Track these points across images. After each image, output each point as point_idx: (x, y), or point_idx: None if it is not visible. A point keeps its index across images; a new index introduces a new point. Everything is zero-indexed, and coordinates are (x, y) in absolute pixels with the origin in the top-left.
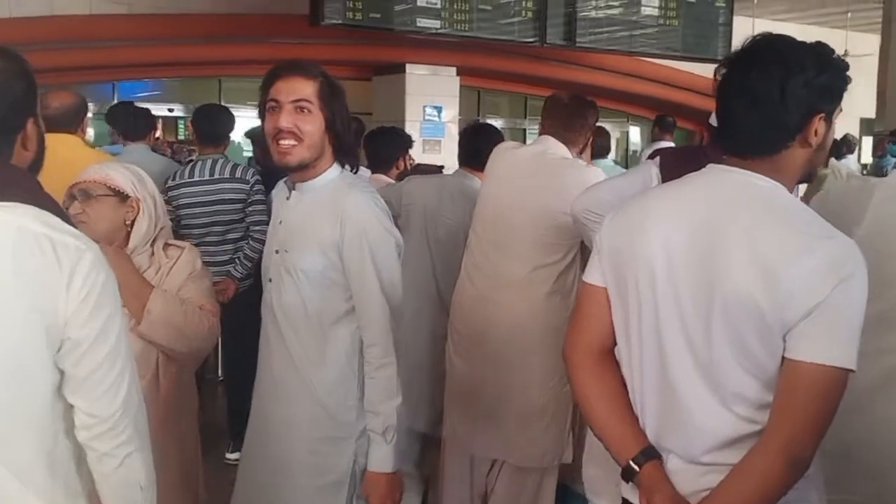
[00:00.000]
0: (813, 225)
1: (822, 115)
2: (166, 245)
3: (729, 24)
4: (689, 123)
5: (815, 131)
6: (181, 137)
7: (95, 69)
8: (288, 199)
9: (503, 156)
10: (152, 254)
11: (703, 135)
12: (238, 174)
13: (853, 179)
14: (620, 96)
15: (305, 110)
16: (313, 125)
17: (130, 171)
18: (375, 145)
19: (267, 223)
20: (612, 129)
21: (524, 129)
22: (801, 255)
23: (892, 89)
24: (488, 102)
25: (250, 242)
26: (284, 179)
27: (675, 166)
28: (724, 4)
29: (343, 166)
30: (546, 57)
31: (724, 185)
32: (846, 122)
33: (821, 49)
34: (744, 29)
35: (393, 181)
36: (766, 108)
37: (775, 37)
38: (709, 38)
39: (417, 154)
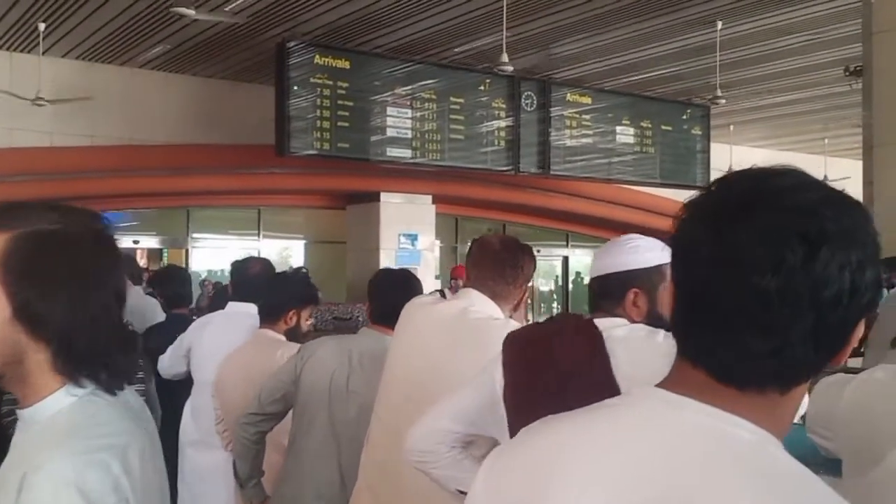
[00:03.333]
0: None
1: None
2: None
3: (706, 151)
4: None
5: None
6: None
7: (57, 201)
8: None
9: (415, 315)
10: None
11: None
12: None
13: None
14: (599, 223)
15: None
16: None
17: None
18: (266, 288)
19: (142, 382)
20: (593, 255)
21: None
22: None
23: (878, 216)
24: (467, 229)
25: None
26: None
27: (522, 371)
28: (700, 132)
29: (83, 384)
30: (523, 184)
31: (686, 435)
32: None
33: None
34: (721, 155)
35: (282, 337)
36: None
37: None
38: (687, 165)
39: None
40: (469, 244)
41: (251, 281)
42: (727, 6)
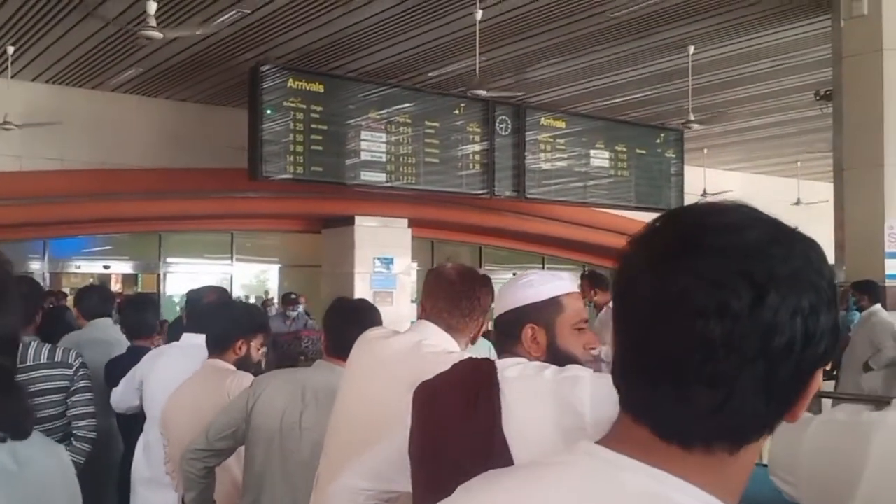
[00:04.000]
0: None
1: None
2: None
3: (681, 174)
4: None
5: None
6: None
7: (25, 227)
8: None
9: (366, 349)
10: None
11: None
12: (58, 357)
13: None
14: (575, 246)
15: None
16: None
17: None
18: (211, 319)
19: (94, 417)
20: (570, 277)
21: None
22: None
23: (849, 239)
24: (444, 251)
25: (74, 444)
26: None
27: (417, 421)
28: (674, 155)
29: None
30: (498, 208)
31: (626, 501)
32: None
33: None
34: (696, 179)
35: (233, 367)
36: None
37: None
38: (661, 188)
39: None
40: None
41: (205, 311)
42: (698, 32)
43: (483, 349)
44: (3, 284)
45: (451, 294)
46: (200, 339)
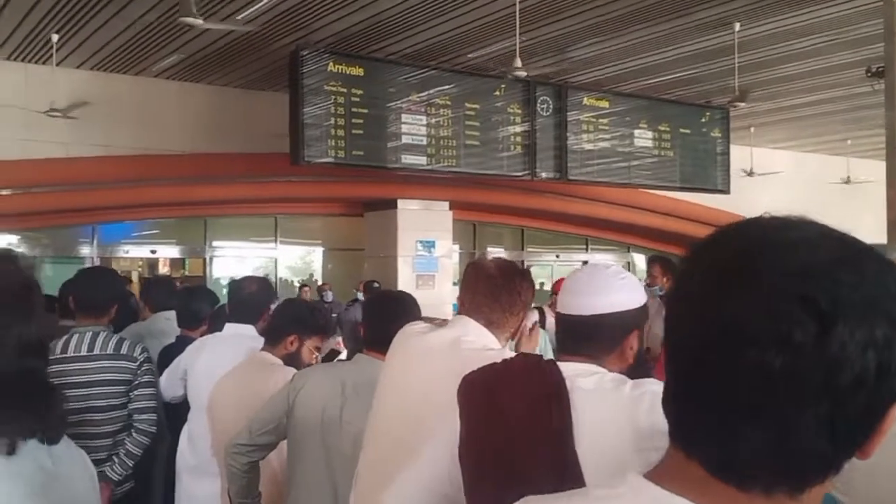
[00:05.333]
0: None
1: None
2: None
3: (726, 153)
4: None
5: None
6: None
7: (73, 212)
8: None
9: (405, 345)
10: None
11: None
12: (124, 350)
13: None
14: (619, 227)
15: None
16: None
17: None
18: (274, 313)
19: (155, 411)
20: (614, 259)
21: (522, 262)
22: None
23: None
24: (486, 234)
25: (133, 435)
26: None
27: (473, 423)
28: (720, 134)
29: None
30: (540, 189)
31: None
32: None
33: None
34: (742, 157)
35: (279, 362)
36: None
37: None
38: (707, 168)
39: (410, 288)
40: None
41: (247, 301)
42: (745, 7)
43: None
44: (27, 289)
45: (490, 288)
46: (243, 328)
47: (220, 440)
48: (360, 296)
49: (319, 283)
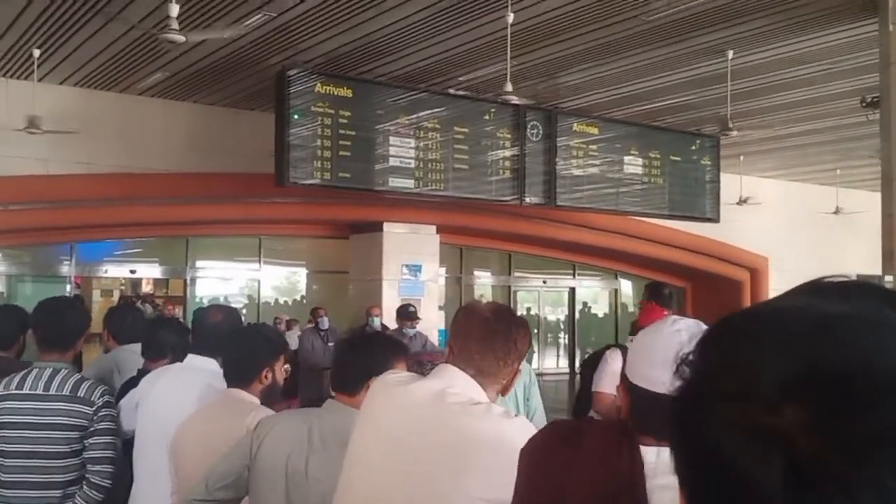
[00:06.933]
0: None
1: None
2: None
3: (716, 181)
4: (678, 280)
5: None
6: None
7: (52, 230)
8: None
9: (383, 395)
10: None
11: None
12: (81, 392)
13: None
14: (607, 254)
15: None
16: None
17: None
18: (230, 346)
19: (112, 462)
20: (601, 286)
21: (509, 287)
22: None
23: None
24: (473, 259)
25: (84, 489)
26: None
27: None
28: (710, 162)
29: None
30: (529, 214)
31: None
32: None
33: None
34: (731, 186)
35: (257, 401)
36: None
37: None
38: (696, 196)
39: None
40: (455, 313)
41: (210, 332)
42: (738, 35)
43: (510, 403)
44: None
45: (484, 333)
46: (205, 361)
47: (184, 485)
48: (376, 322)
49: (298, 304)
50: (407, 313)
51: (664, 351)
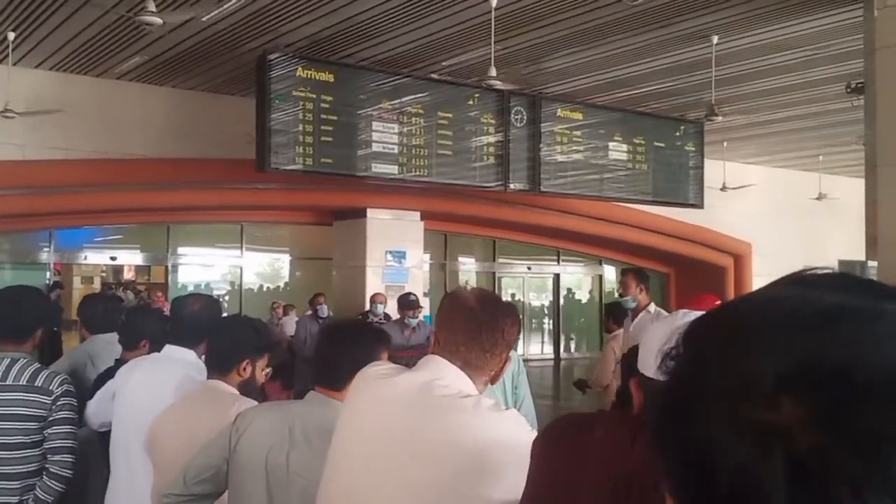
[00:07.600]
0: None
1: None
2: None
3: (700, 167)
4: (662, 266)
5: None
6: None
7: (30, 217)
8: None
9: (367, 389)
10: None
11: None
12: (39, 381)
13: None
14: (591, 240)
15: None
16: None
17: None
18: (214, 332)
19: (72, 452)
20: (584, 272)
21: (494, 273)
22: None
23: (882, 235)
24: (457, 245)
25: (44, 480)
26: None
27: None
28: (694, 148)
29: None
30: (513, 200)
31: None
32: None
33: None
34: (715, 172)
35: (235, 392)
36: None
37: None
38: (680, 182)
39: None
40: (441, 300)
41: (187, 321)
42: (723, 21)
43: (497, 392)
44: None
45: (470, 323)
46: (182, 352)
47: (161, 480)
48: (380, 309)
49: (284, 292)
50: (408, 302)
51: None
